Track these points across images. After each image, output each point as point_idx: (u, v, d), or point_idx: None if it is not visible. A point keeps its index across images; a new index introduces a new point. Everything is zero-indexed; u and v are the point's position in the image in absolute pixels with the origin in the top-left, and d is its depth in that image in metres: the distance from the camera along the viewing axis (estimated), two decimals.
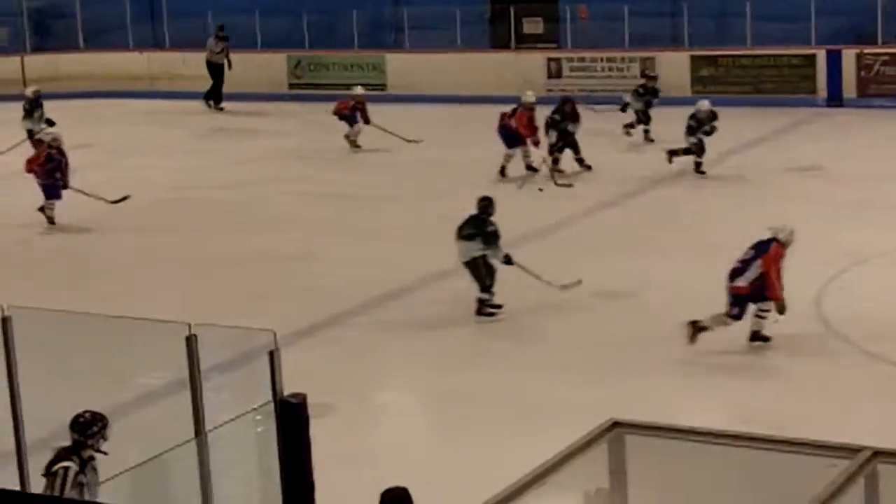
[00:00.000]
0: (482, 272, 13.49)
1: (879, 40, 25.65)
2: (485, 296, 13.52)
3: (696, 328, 12.14)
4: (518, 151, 19.93)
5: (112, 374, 10.57)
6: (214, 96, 28.15)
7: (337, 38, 29.72)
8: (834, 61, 25.14)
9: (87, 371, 10.20)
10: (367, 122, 22.98)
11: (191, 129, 26.05)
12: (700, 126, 19.18)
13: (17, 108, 25.24)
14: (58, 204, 18.09)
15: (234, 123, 26.76)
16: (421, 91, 27.88)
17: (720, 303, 13.55)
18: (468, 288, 14.58)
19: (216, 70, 28.16)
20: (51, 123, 22.18)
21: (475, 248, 13.45)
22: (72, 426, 7.69)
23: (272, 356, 6.43)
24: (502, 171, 19.87)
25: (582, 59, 27.48)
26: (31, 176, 18.07)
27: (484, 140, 22.97)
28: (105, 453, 7.66)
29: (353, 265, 15.69)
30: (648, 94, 22.07)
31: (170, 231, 17.85)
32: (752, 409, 10.64)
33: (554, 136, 19.87)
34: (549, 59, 27.78)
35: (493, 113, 25.10)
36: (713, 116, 19.28)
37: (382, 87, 28.84)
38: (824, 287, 13.78)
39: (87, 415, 7.74)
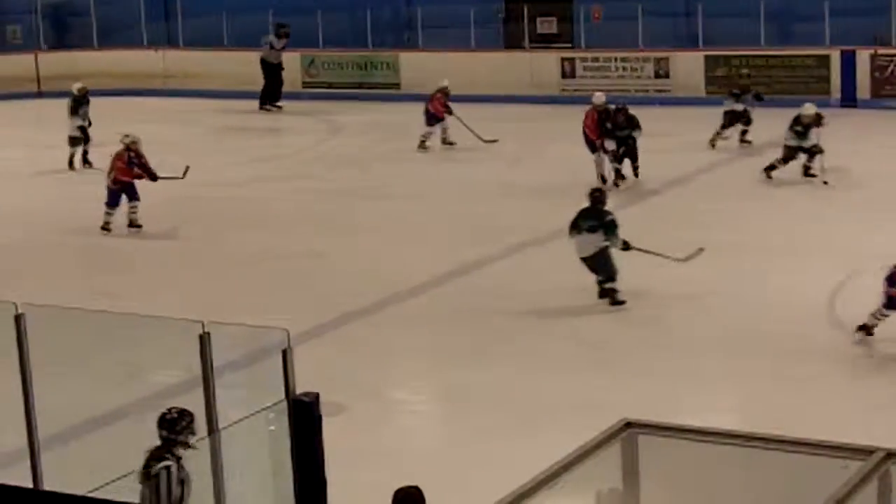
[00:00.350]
0: (609, 262, 13.53)
1: (893, 41, 25.60)
2: (613, 285, 13.55)
3: (867, 331, 12.12)
4: (602, 156, 19.17)
5: (125, 371, 10.59)
6: (271, 95, 27.79)
7: (351, 37, 29.75)
8: (848, 62, 25.09)
9: (100, 368, 10.22)
10: (449, 112, 22.30)
11: (204, 127, 26.08)
12: (807, 130, 18.42)
13: (32, 106, 25.37)
14: (73, 206, 18.08)
15: (247, 122, 26.80)
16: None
17: (734, 302, 13.56)
18: (479, 286, 14.60)
19: (272, 69, 27.82)
20: (88, 123, 21.88)
21: (599, 240, 13.49)
22: (160, 424, 7.50)
23: (285, 355, 6.44)
24: (602, 179, 18.95)
25: (596, 59, 27.45)
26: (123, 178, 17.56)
27: (499, 138, 22.99)
28: (195, 447, 7.57)
29: (365, 264, 15.69)
30: (745, 94, 21.22)
31: (182, 229, 17.88)
32: (766, 411, 10.61)
33: (612, 144, 19.09)
34: (563, 59, 27.76)
35: (507, 112, 25.23)
36: (818, 119, 18.51)
37: (396, 86, 28.86)
38: (839, 289, 13.74)
39: (173, 411, 7.58)
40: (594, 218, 13.55)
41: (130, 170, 17.45)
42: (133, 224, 17.50)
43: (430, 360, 12.72)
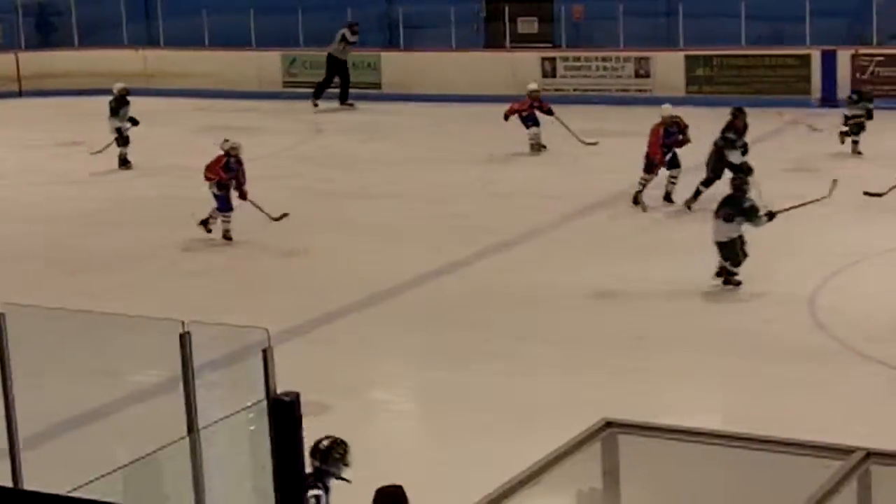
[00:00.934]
0: (736, 251, 13.72)
1: (874, 41, 25.69)
2: (734, 269, 13.76)
3: None
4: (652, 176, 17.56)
5: (105, 371, 10.56)
6: (342, 95, 27.66)
7: (332, 37, 29.70)
8: (829, 62, 25.18)
9: (80, 368, 10.19)
10: (549, 113, 21.30)
11: (185, 127, 26.02)
12: None
13: (13, 105, 25.21)
14: (58, 206, 17.94)
15: (229, 121, 26.72)
16: (416, 90, 27.90)
17: (718, 301, 13.60)
18: (460, 286, 14.61)
19: (341, 66, 27.73)
20: (134, 122, 21.57)
21: (732, 230, 13.69)
22: (312, 454, 7.43)
23: (265, 354, 6.42)
24: (636, 201, 17.59)
25: (577, 59, 27.49)
26: (207, 183, 16.97)
27: (479, 139, 23.00)
28: (348, 481, 7.45)
29: (347, 263, 15.69)
30: (864, 101, 20.24)
31: (165, 227, 17.83)
32: (746, 410, 10.65)
33: (738, 157, 16.89)
34: (544, 59, 27.79)
35: (488, 112, 25.13)
36: None
37: (377, 86, 28.84)
38: (819, 288, 13.80)
39: (326, 441, 7.51)
40: (731, 206, 13.78)
41: (224, 173, 16.66)
42: (202, 224, 16.84)
43: (411, 360, 12.72)
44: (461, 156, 21.80)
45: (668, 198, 17.72)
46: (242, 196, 16.93)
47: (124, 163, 21.62)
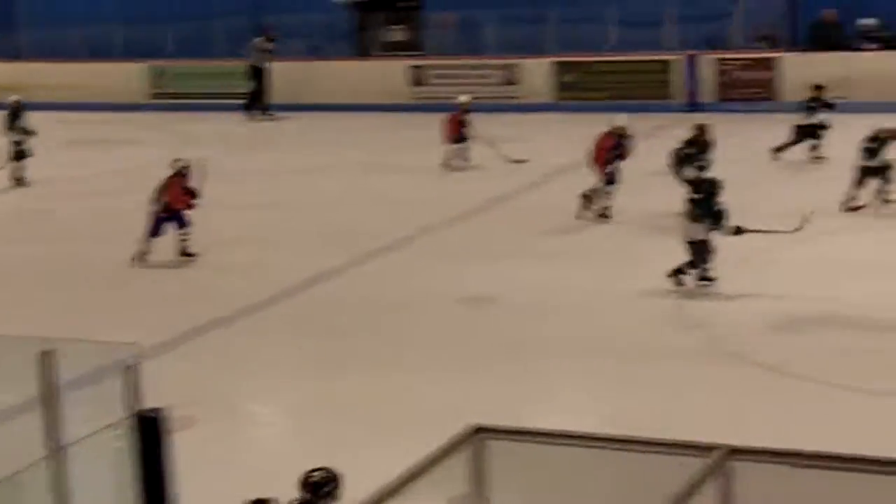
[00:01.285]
0: (699, 252, 13.83)
1: (734, 46, 26.23)
2: (692, 270, 13.89)
3: None
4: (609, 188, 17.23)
5: None
6: (265, 105, 27.44)
7: (201, 48, 29.51)
8: (692, 67, 25.65)
9: None
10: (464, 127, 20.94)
11: (48, 141, 25.55)
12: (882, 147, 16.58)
13: None
14: None
15: (93, 134, 26.38)
16: (285, 100, 27.79)
17: (597, 306, 13.73)
18: (334, 294, 14.59)
19: (259, 75, 27.47)
20: (30, 133, 21.08)
21: (701, 231, 13.81)
22: (303, 485, 7.23)
23: (130, 370, 6.37)
24: (603, 214, 17.21)
25: (445, 67, 27.63)
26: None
27: (354, 147, 23.00)
28: None
29: (221, 274, 15.57)
30: (823, 107, 19.91)
31: (32, 242, 17.54)
32: (623, 413, 10.72)
33: (693, 172, 16.32)
34: (412, 67, 27.88)
35: (357, 121, 25.17)
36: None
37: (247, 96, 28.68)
38: (688, 289, 14.00)
39: (317, 474, 7.30)
40: (701, 208, 13.89)
41: (186, 197, 16.27)
42: (185, 253, 16.24)
43: (283, 371, 12.64)
44: (337, 164, 21.78)
45: (604, 213, 17.30)
46: (192, 206, 16.44)
47: (18, 180, 21.11)
